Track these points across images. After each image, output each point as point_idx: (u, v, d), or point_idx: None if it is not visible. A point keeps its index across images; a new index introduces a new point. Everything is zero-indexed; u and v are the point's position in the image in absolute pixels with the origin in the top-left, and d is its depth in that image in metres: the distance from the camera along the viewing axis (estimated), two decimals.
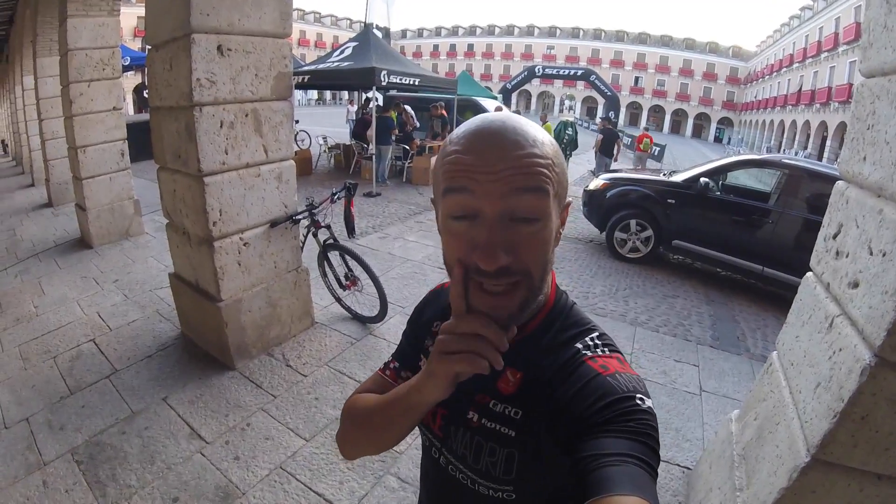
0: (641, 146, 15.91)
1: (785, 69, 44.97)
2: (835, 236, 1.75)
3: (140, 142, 9.62)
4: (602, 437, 0.63)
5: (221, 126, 3.24)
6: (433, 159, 10.46)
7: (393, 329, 4.22)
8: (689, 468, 2.82)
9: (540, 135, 0.67)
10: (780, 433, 1.73)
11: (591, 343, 0.76)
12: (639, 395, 0.67)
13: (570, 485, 0.62)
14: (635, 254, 6.85)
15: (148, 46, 3.48)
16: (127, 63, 12.32)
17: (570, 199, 0.74)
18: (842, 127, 31.42)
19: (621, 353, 0.76)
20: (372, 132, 10.16)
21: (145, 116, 3.94)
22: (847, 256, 1.61)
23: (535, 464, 0.73)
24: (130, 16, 36.22)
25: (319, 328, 4.17)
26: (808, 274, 1.95)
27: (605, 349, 0.75)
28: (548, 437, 0.71)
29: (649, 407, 0.67)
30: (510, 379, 0.78)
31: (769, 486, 1.65)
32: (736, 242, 5.99)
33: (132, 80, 34.67)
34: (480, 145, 0.64)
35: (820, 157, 32.34)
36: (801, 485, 1.50)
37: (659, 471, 0.63)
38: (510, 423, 0.76)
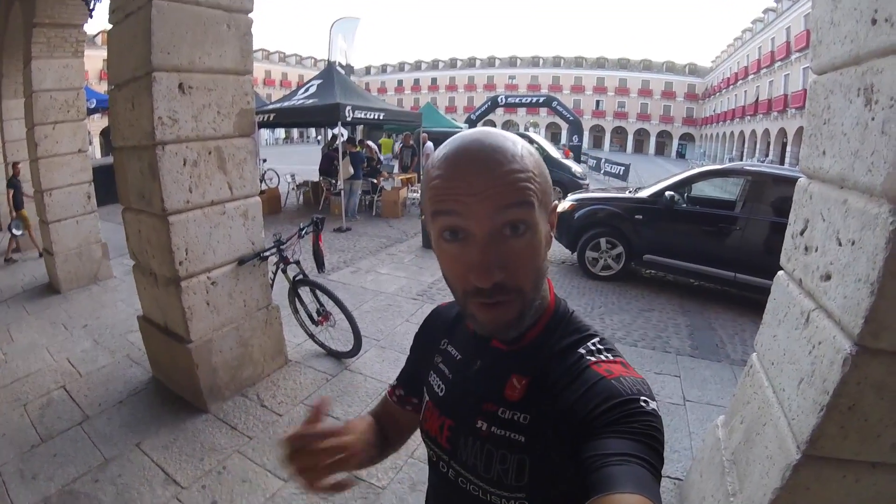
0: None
1: (741, 81, 46.45)
2: (802, 232, 1.77)
3: (107, 185, 9.41)
4: (605, 438, 0.63)
5: (185, 164, 3.19)
6: (402, 192, 10.41)
7: (369, 363, 4.14)
8: (679, 479, 2.78)
9: (519, 148, 0.68)
10: (768, 433, 1.72)
11: (593, 348, 0.77)
12: (643, 398, 0.68)
13: (579, 488, 0.62)
14: (608, 271, 6.88)
15: (110, 86, 3.43)
16: (93, 106, 12.12)
17: (556, 202, 0.76)
18: (800, 132, 32.29)
19: (623, 358, 0.78)
20: (340, 168, 10.14)
21: (111, 160, 3.89)
22: (816, 250, 1.63)
23: (546, 469, 0.72)
24: (96, 58, 35.34)
25: (293, 366, 4.07)
26: (780, 273, 1.97)
27: (608, 354, 0.77)
28: (555, 441, 0.71)
29: (653, 409, 0.67)
30: (516, 385, 0.79)
31: (762, 487, 1.63)
32: (706, 252, 6.07)
33: (99, 123, 34.27)
34: (461, 167, 0.66)
35: (781, 163, 33.29)
36: (795, 483, 1.48)
37: None
38: (519, 429, 0.76)
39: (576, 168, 14.38)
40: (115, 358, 4.23)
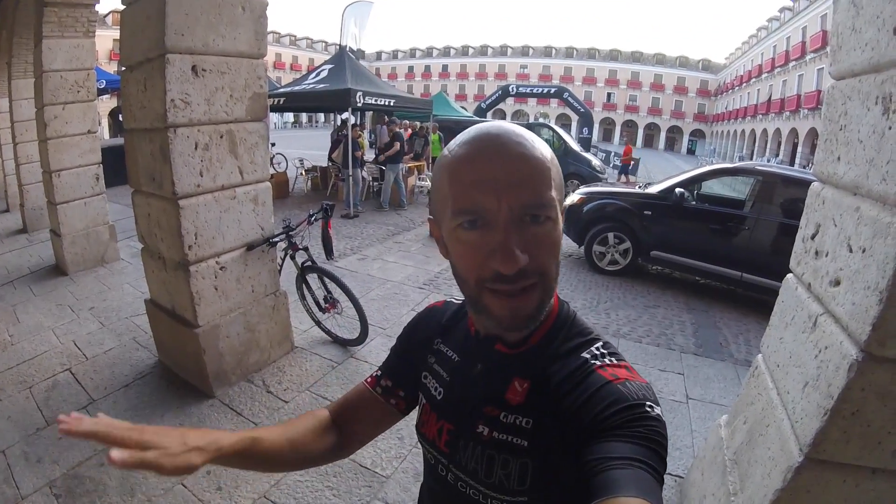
0: None
1: (754, 79, 46.16)
2: (813, 237, 1.77)
3: (115, 166, 9.46)
4: (609, 441, 0.63)
5: (196, 148, 3.20)
6: (410, 179, 10.33)
7: (374, 351, 4.16)
8: (680, 477, 2.80)
9: (538, 140, 0.69)
10: (771, 435, 1.73)
11: (597, 352, 0.77)
12: (648, 403, 0.67)
13: (581, 492, 0.62)
14: (614, 266, 6.89)
15: (122, 67, 3.43)
16: (102, 86, 12.12)
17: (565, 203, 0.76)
18: (811, 133, 32.29)
19: (627, 362, 0.77)
20: (339, 154, 10.08)
21: (120, 141, 3.89)
22: (827, 255, 1.63)
23: (548, 472, 0.72)
24: (106, 38, 35.36)
25: (299, 353, 4.09)
26: (789, 276, 1.97)
27: (613, 358, 0.76)
28: (559, 445, 0.71)
29: (658, 414, 0.67)
30: (518, 388, 0.78)
31: (763, 488, 1.64)
32: (714, 250, 6.06)
33: (108, 103, 34.32)
34: (486, 156, 0.66)
35: (792, 163, 33.15)
36: (796, 485, 1.49)
37: None
38: (522, 433, 0.75)
39: (595, 161, 14.47)
40: (121, 341, 4.25)
